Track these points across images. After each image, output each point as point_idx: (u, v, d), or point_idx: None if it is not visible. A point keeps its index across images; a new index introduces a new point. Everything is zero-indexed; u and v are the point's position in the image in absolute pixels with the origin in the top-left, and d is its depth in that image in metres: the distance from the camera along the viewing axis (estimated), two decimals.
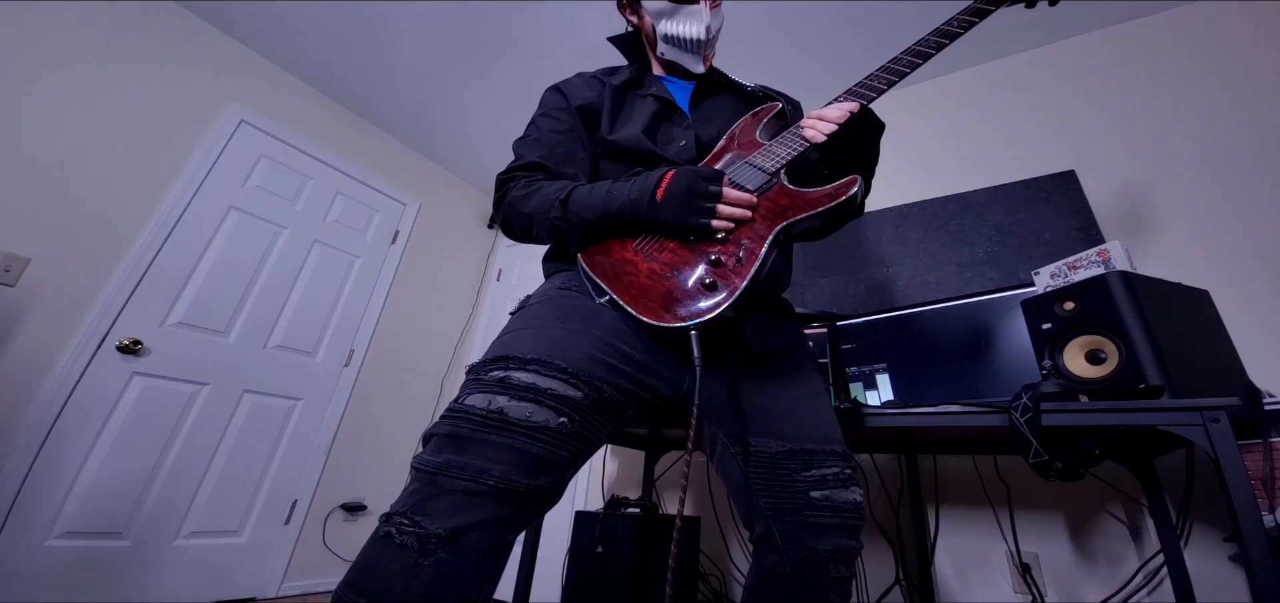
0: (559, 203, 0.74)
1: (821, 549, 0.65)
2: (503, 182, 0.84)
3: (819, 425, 0.71)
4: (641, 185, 0.71)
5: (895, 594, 1.51)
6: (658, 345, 0.70)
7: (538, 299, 0.74)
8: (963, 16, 0.76)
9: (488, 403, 0.58)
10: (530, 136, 0.88)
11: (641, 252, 0.71)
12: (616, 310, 0.69)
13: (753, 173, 0.73)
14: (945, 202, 1.78)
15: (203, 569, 1.96)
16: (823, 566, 0.65)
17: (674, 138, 0.88)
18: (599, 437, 0.65)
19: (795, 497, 0.67)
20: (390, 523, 0.54)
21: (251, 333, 2.23)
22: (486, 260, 3.38)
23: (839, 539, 0.66)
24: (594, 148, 0.89)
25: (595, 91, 0.92)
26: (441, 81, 2.51)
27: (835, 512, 0.66)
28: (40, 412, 1.71)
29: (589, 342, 0.65)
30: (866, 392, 1.44)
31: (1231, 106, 1.58)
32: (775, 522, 0.68)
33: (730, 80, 1.01)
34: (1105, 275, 1.01)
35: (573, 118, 0.89)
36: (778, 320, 0.81)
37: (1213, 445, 0.79)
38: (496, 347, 0.66)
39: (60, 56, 1.89)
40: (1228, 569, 1.20)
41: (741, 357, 0.75)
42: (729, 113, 0.93)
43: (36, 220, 1.76)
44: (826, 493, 0.66)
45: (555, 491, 0.61)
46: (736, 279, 0.63)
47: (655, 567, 1.45)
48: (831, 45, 2.10)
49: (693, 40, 0.92)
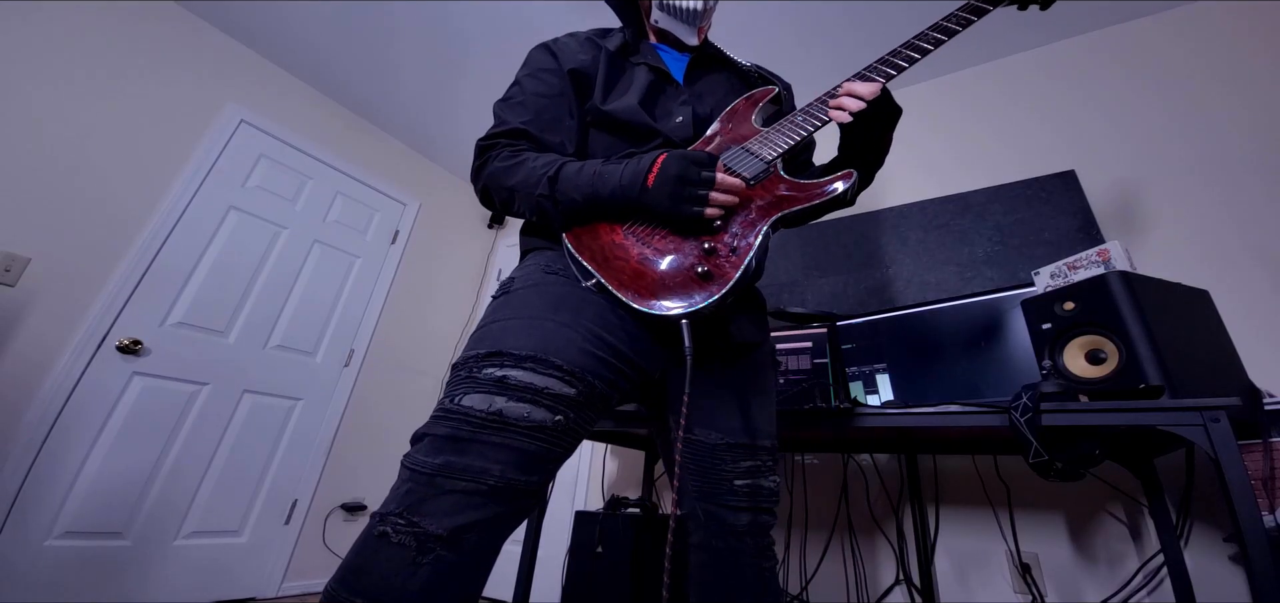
0: (547, 180, 0.71)
1: (738, 525, 0.72)
2: (483, 149, 0.78)
3: (762, 425, 0.77)
4: (633, 170, 0.68)
5: (895, 594, 1.51)
6: (643, 331, 0.68)
7: (522, 284, 0.71)
8: (960, 13, 0.76)
9: (487, 405, 0.58)
10: (514, 98, 0.82)
11: (632, 236, 0.69)
12: (603, 295, 0.67)
13: (750, 160, 0.72)
14: (945, 202, 1.78)
15: (203, 569, 1.96)
16: (742, 537, 0.72)
17: (671, 112, 0.85)
18: (588, 429, 0.65)
19: (721, 483, 0.73)
20: (386, 523, 0.53)
21: (251, 333, 2.23)
22: (486, 260, 3.38)
23: (756, 516, 0.73)
24: (584, 116, 0.84)
25: (589, 54, 0.87)
26: (441, 81, 2.51)
27: (753, 496, 0.73)
28: (40, 412, 1.71)
29: (579, 334, 0.64)
30: (866, 392, 1.44)
31: (1230, 107, 1.59)
32: (700, 502, 0.74)
33: (726, 57, 0.97)
34: (1105, 275, 1.01)
35: (562, 82, 0.84)
36: (752, 313, 0.82)
37: (1213, 445, 0.79)
38: (487, 339, 0.64)
39: (60, 57, 1.89)
40: (1228, 569, 1.20)
41: (722, 348, 0.76)
42: (725, 91, 0.91)
43: (37, 220, 1.76)
44: (749, 481, 0.73)
45: (546, 484, 0.63)
46: (730, 269, 0.63)
47: (655, 567, 1.45)
48: (830, 37, 2.09)
49: (689, 10, 0.89)
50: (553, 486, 0.67)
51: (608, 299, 0.67)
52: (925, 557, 1.45)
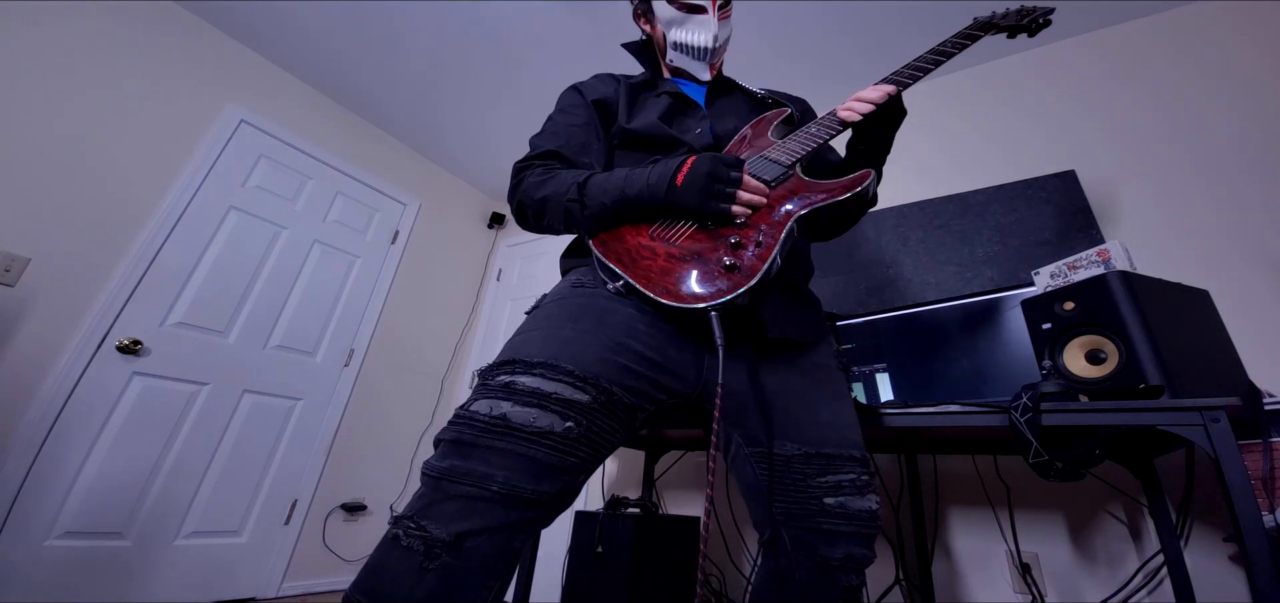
0: (576, 186, 0.74)
1: (833, 557, 0.63)
2: (519, 169, 0.84)
3: (838, 428, 0.69)
4: (662, 170, 0.70)
5: (895, 594, 1.51)
6: (676, 336, 0.69)
7: (551, 298, 0.74)
8: (956, 39, 0.82)
9: (490, 409, 0.58)
10: (546, 130, 0.90)
11: (659, 237, 0.70)
12: (631, 295, 0.68)
13: (769, 166, 0.74)
14: (945, 202, 1.78)
15: (203, 569, 1.96)
16: (833, 573, 0.64)
17: (690, 128, 0.90)
18: (612, 440, 0.64)
19: (809, 503, 0.65)
20: (398, 526, 0.54)
21: (251, 333, 2.23)
22: (486, 260, 3.38)
23: (851, 548, 0.64)
24: (610, 139, 0.90)
25: (611, 88, 0.95)
26: (441, 81, 2.51)
27: (849, 520, 0.64)
28: (40, 412, 1.71)
29: (599, 342, 0.64)
30: (867, 392, 1.44)
31: (1228, 108, 1.59)
32: (786, 527, 0.66)
33: (740, 85, 1.03)
34: (1105, 275, 1.01)
35: (589, 111, 0.91)
36: (798, 308, 0.79)
37: (1213, 445, 0.79)
38: (506, 349, 0.65)
39: (60, 57, 1.89)
40: (1228, 569, 1.20)
41: (759, 345, 0.74)
42: (742, 112, 0.95)
43: (37, 220, 1.76)
44: (841, 500, 0.65)
45: (565, 495, 0.59)
46: (757, 263, 0.63)
47: (655, 567, 1.45)
48: (823, 50, 2.10)
49: (700, 48, 0.95)
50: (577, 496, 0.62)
51: (636, 303, 0.68)
52: (925, 557, 1.45)
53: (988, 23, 0.85)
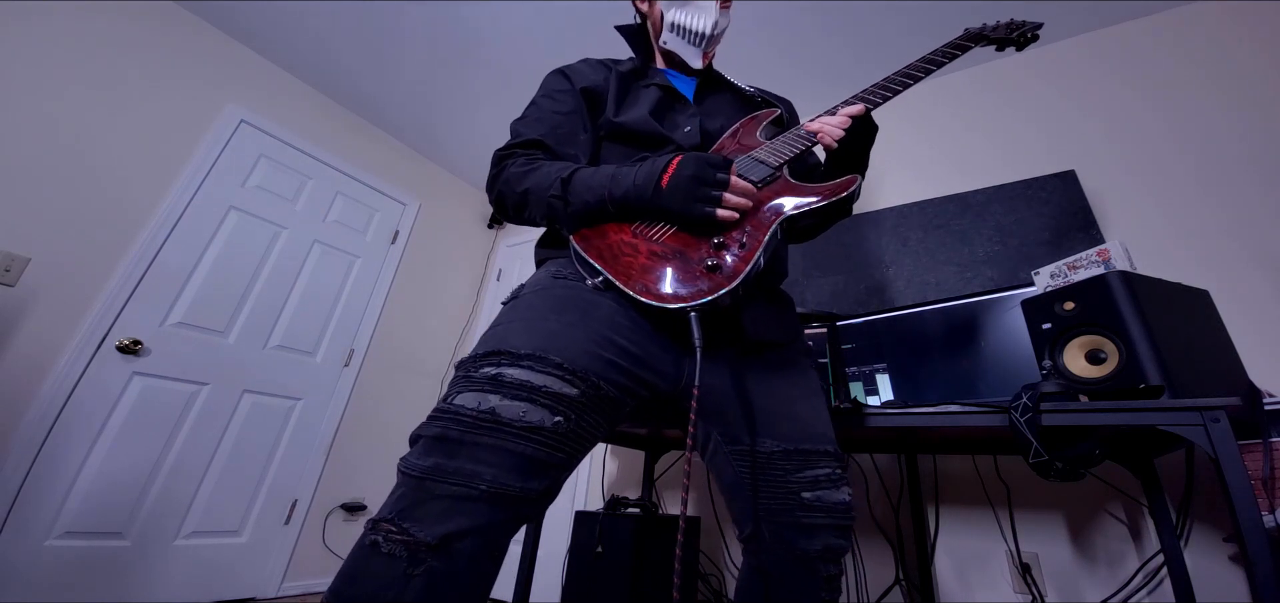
0: (560, 182, 0.72)
1: (811, 549, 0.65)
2: (500, 158, 0.81)
3: (814, 425, 0.71)
4: (648, 170, 0.69)
5: (895, 594, 1.51)
6: (656, 334, 0.68)
7: (531, 289, 0.71)
8: (946, 49, 0.82)
9: (479, 403, 0.55)
10: (530, 116, 0.86)
11: (641, 233, 0.69)
12: (611, 292, 0.67)
13: (757, 166, 0.74)
14: (945, 202, 1.78)
15: (203, 569, 1.96)
16: (813, 564, 0.66)
17: (680, 124, 0.88)
18: (595, 435, 0.62)
19: (787, 498, 0.67)
20: (377, 531, 0.51)
21: (251, 333, 2.23)
22: (486, 260, 3.38)
23: (829, 539, 0.66)
24: (597, 131, 0.88)
25: (600, 75, 0.92)
26: (441, 81, 2.51)
27: (827, 512, 0.66)
28: (40, 411, 1.71)
29: (585, 335, 0.62)
30: (866, 392, 1.44)
31: (1228, 108, 1.59)
32: (765, 522, 0.68)
33: (729, 82, 1.02)
34: (1105, 275, 1.01)
35: (576, 99, 0.88)
36: (775, 309, 0.80)
37: (1213, 445, 0.79)
38: (488, 340, 0.63)
39: (60, 57, 1.89)
40: (1228, 569, 1.20)
41: (738, 347, 0.74)
42: (731, 110, 0.94)
43: (36, 220, 1.76)
44: (819, 494, 0.67)
45: (550, 492, 0.58)
46: (739, 264, 0.63)
47: (655, 567, 1.46)
48: (816, 51, 2.10)
49: (697, 33, 0.93)
50: (559, 493, 0.62)
51: (616, 299, 0.67)
52: (925, 557, 1.45)
53: (978, 34, 0.85)
